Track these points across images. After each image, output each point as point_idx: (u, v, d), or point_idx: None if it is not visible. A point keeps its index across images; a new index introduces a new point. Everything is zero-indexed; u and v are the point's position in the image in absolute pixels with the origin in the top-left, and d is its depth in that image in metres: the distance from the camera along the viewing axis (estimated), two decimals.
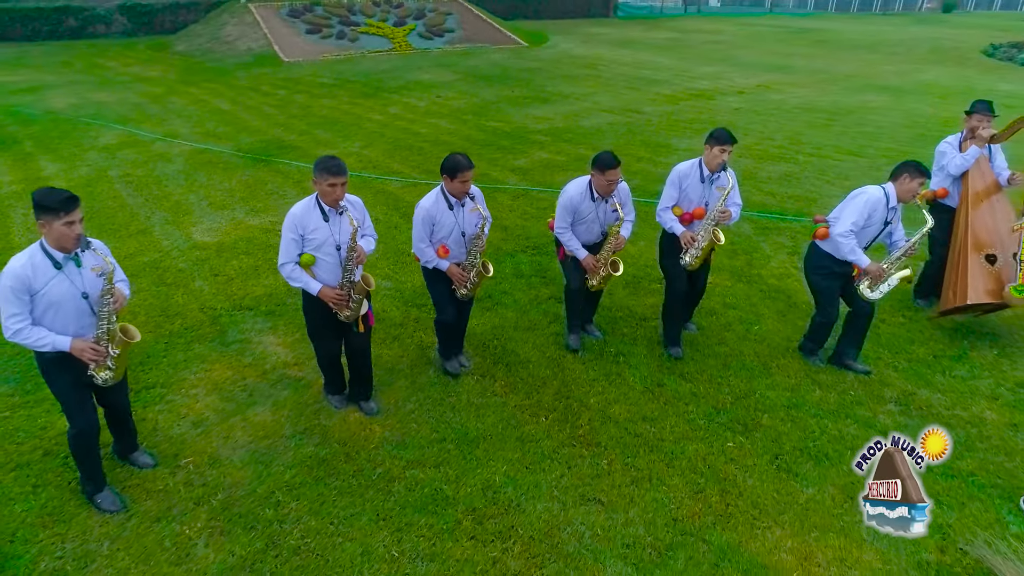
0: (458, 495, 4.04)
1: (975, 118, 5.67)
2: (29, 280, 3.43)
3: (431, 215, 4.60)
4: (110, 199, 9.03)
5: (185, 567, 3.57)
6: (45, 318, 3.53)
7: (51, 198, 3.43)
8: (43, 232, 3.47)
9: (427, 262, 4.75)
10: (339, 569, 3.55)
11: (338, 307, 4.32)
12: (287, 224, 4.19)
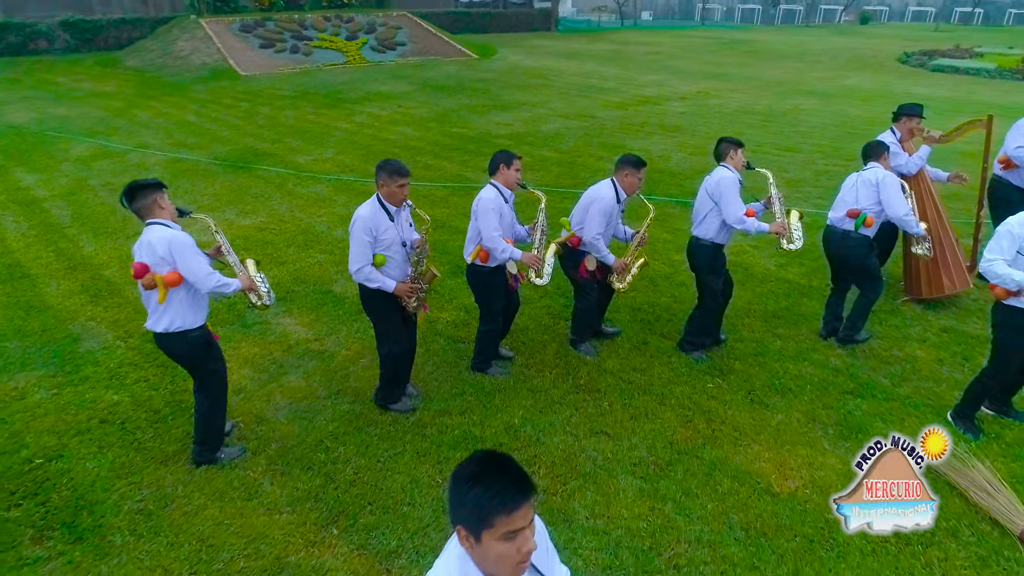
0: (484, 434, 4.67)
1: (914, 121, 6.28)
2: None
3: (369, 225, 4.31)
4: (98, 206, 9.31)
5: (256, 501, 4.09)
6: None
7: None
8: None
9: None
10: (392, 495, 4.13)
11: (408, 300, 4.57)
12: (360, 228, 4.28)
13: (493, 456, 1.77)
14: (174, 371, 5.43)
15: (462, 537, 1.73)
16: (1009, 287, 4.01)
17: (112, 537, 3.84)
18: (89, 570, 3.62)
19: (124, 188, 3.99)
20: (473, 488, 1.69)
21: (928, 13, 54.02)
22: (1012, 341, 4.30)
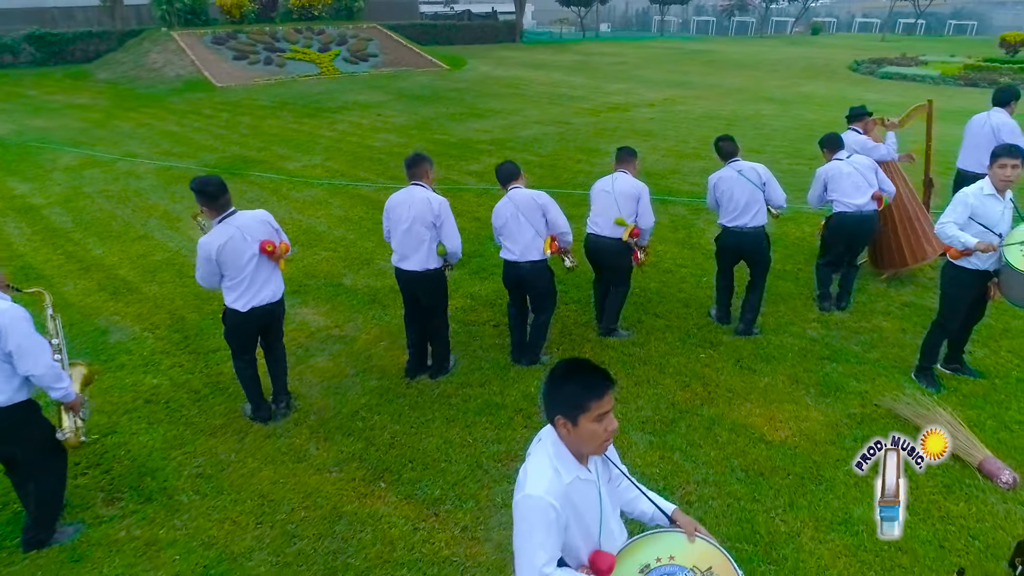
0: (505, 401, 5.14)
1: (866, 119, 7.00)
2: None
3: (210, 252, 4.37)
4: (97, 211, 9.54)
5: (306, 463, 4.51)
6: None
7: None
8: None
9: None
10: (429, 454, 4.58)
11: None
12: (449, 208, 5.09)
13: (577, 360, 2.26)
14: (207, 357, 5.80)
15: (560, 425, 2.20)
16: (956, 247, 4.67)
17: (178, 497, 4.21)
18: (163, 524, 3.99)
19: None
20: (568, 383, 2.18)
21: (873, 24, 56.28)
22: (956, 295, 4.99)
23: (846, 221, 6.28)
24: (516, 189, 5.35)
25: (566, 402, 2.16)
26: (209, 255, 4.34)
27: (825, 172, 6.35)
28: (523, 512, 2.16)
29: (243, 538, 3.89)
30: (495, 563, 3.71)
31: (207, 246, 4.33)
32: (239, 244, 4.37)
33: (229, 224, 4.38)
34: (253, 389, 4.84)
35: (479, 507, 4.11)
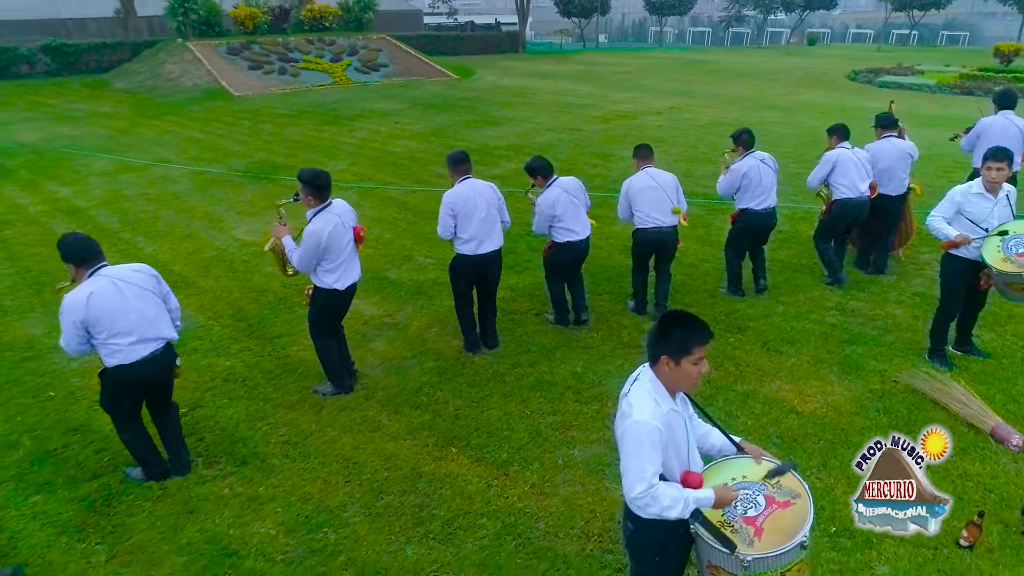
0: (555, 379, 5.60)
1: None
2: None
3: (320, 239, 4.89)
4: (140, 213, 9.98)
5: (381, 432, 4.95)
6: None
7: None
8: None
9: None
10: (492, 424, 5.02)
11: None
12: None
13: (685, 312, 2.71)
14: (272, 342, 6.25)
15: (663, 363, 2.65)
16: (940, 238, 5.20)
17: (270, 460, 4.65)
18: (261, 483, 4.43)
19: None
20: (678, 329, 2.63)
21: (867, 35, 57.17)
22: (951, 281, 5.51)
23: (851, 206, 6.97)
24: (559, 178, 5.91)
25: (673, 345, 2.61)
26: (320, 242, 4.80)
27: (836, 157, 6.99)
28: (632, 435, 2.61)
29: (335, 494, 4.33)
30: (564, 514, 4.16)
31: (318, 234, 4.79)
32: (340, 230, 4.86)
33: (331, 212, 4.85)
34: (339, 365, 5.31)
35: (544, 468, 4.56)
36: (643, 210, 6.35)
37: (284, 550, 3.89)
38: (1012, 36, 43.52)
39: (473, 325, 6.03)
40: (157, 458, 4.42)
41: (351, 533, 4.01)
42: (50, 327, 6.54)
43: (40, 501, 4.27)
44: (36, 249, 8.55)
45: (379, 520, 4.12)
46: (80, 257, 3.98)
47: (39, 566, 3.78)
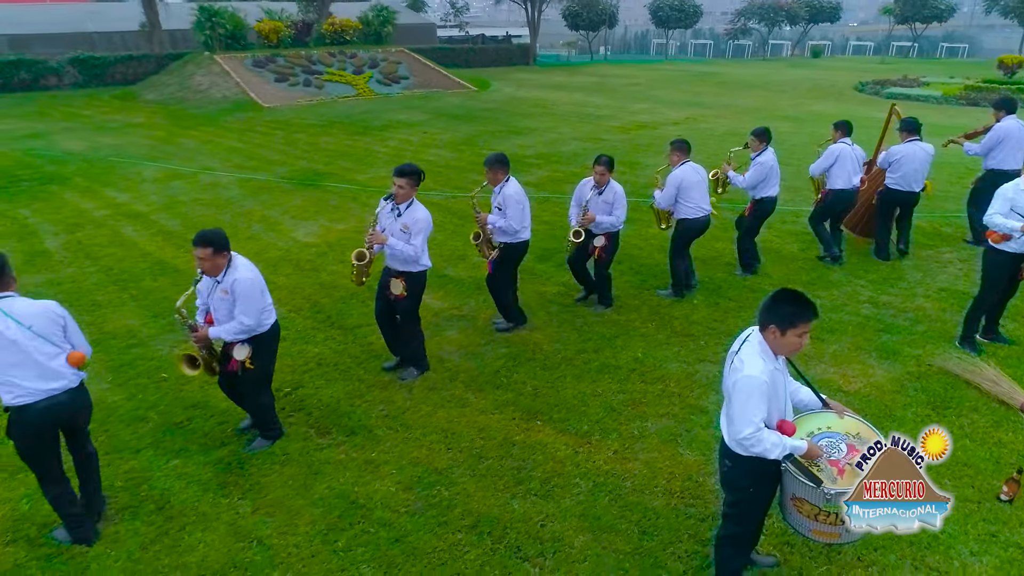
0: (619, 363, 6.14)
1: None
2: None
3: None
4: (200, 216, 10.54)
5: (470, 407, 5.49)
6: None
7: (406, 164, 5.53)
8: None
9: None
10: (568, 401, 5.55)
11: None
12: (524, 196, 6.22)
13: (796, 290, 3.23)
14: (353, 332, 6.79)
15: (770, 331, 3.16)
16: (1003, 232, 5.70)
17: (376, 431, 5.19)
18: (372, 449, 4.96)
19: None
20: (788, 304, 3.15)
21: (867, 47, 58.03)
22: (995, 274, 6.01)
23: (843, 196, 8.19)
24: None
25: (782, 317, 3.13)
26: (430, 226, 5.54)
27: (839, 152, 8.04)
28: (744, 387, 3.14)
29: (440, 458, 4.86)
30: (646, 475, 4.69)
31: (427, 221, 5.54)
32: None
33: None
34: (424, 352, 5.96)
35: (622, 437, 5.10)
36: (693, 200, 7.07)
37: (406, 504, 4.42)
38: (1010, 47, 44.34)
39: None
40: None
41: (461, 490, 4.55)
42: (146, 318, 7.10)
43: (179, 464, 4.80)
44: (111, 249, 9.11)
45: (483, 480, 4.65)
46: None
47: (195, 516, 4.31)
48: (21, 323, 3.67)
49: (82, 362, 3.89)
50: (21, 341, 3.66)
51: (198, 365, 4.66)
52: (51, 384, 3.78)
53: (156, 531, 4.19)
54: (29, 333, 3.69)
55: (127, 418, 5.35)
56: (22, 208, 10.95)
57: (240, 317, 4.53)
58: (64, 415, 3.91)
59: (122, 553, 4.03)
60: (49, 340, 3.77)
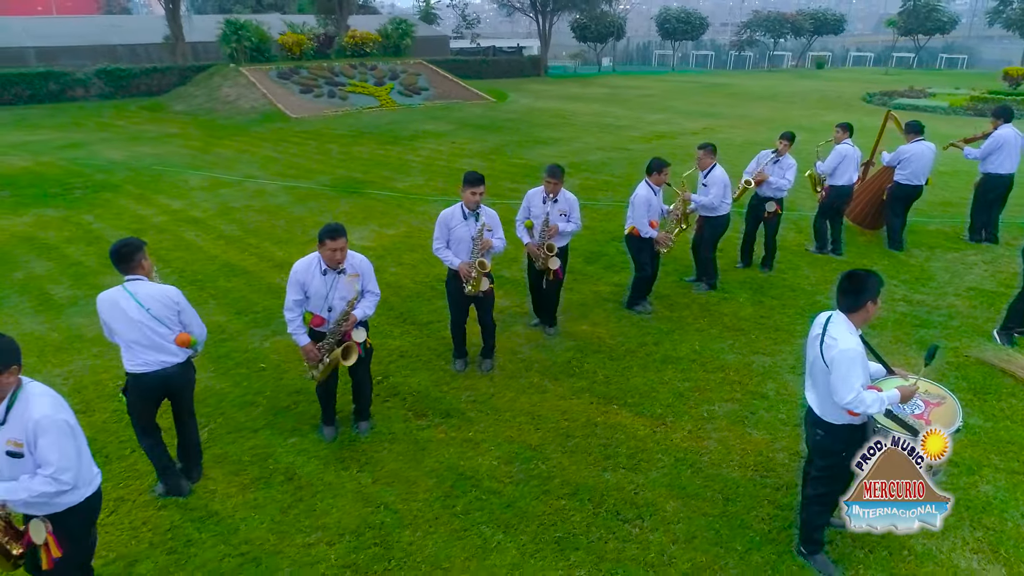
0: (680, 354, 6.64)
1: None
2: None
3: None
4: (254, 222, 11.06)
5: (549, 393, 5.98)
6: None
7: (472, 173, 5.89)
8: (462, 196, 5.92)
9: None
10: (639, 388, 6.05)
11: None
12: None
13: (869, 270, 3.73)
14: (427, 327, 7.28)
15: (868, 307, 3.66)
16: None
17: (468, 414, 5.68)
18: (468, 429, 5.45)
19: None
20: (873, 279, 3.65)
21: (867, 57, 58.87)
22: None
23: (844, 192, 9.12)
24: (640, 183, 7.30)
25: (875, 291, 3.65)
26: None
27: (846, 152, 8.92)
28: (844, 358, 3.62)
29: (532, 437, 5.35)
30: (721, 452, 5.18)
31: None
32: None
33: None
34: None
35: (694, 419, 5.59)
36: (728, 199, 7.81)
37: (508, 475, 4.91)
38: (1009, 58, 45.11)
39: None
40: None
41: (556, 464, 5.03)
42: (230, 315, 7.60)
43: (297, 442, 5.29)
44: (179, 253, 9.61)
45: (574, 455, 5.14)
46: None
47: (322, 486, 4.79)
48: (141, 305, 4.27)
49: (187, 343, 4.47)
50: (142, 321, 4.28)
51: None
52: (162, 358, 4.39)
53: (291, 498, 4.68)
54: (147, 315, 4.29)
55: (238, 403, 5.84)
56: (84, 214, 11.46)
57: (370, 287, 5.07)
58: (172, 385, 4.52)
59: (265, 517, 4.51)
60: (163, 322, 4.35)
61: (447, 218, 5.98)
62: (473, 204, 5.96)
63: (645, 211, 7.16)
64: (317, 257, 4.90)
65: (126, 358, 4.38)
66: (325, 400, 5.27)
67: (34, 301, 7.97)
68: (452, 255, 5.99)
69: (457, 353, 6.44)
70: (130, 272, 4.33)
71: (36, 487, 3.15)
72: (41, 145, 17.43)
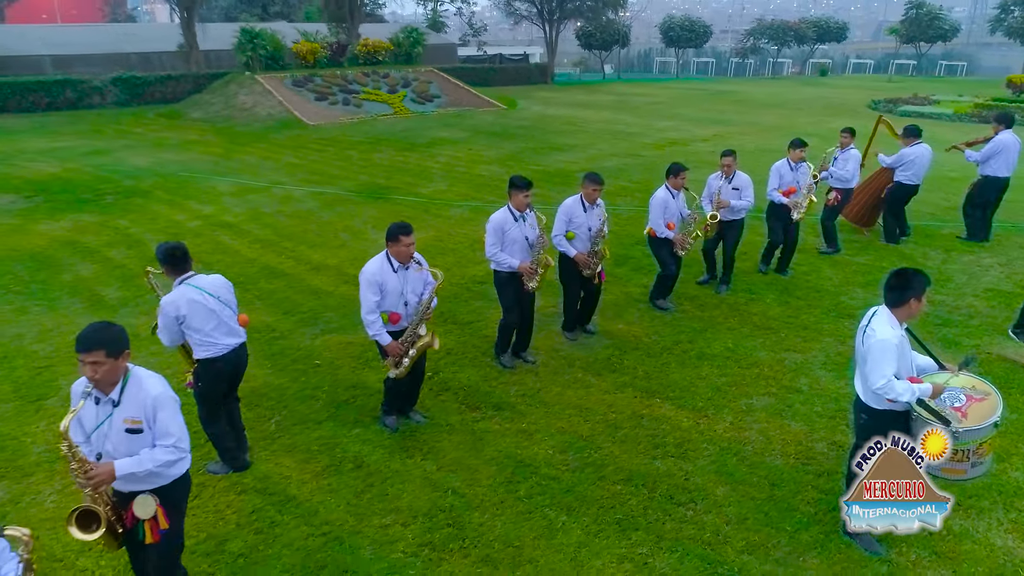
0: (714, 352, 6.94)
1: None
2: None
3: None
4: (287, 226, 11.37)
5: (593, 388, 6.27)
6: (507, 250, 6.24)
7: (519, 179, 6.20)
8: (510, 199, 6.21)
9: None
10: (678, 383, 6.34)
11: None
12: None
13: (909, 268, 4.04)
14: (468, 326, 7.58)
15: (912, 303, 3.97)
16: None
17: (518, 407, 5.97)
18: (520, 421, 5.74)
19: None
20: (919, 277, 3.96)
21: (867, 64, 59.34)
22: None
23: (849, 194, 9.68)
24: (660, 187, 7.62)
25: (920, 289, 3.95)
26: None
27: (856, 156, 9.41)
28: (878, 347, 3.92)
29: (582, 428, 5.65)
30: (762, 441, 5.47)
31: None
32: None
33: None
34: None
35: (734, 412, 5.88)
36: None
37: (564, 463, 5.20)
38: (1008, 65, 45.52)
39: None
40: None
41: (608, 453, 5.33)
42: (277, 315, 7.90)
43: (360, 433, 5.58)
44: (217, 256, 9.92)
45: (624, 445, 5.43)
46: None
47: (390, 472, 5.08)
48: (212, 295, 4.72)
49: (247, 323, 5.05)
50: (217, 309, 4.73)
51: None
52: (234, 340, 4.88)
53: (362, 483, 4.97)
54: (219, 303, 4.75)
55: (299, 396, 6.14)
56: (119, 219, 11.77)
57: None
58: (240, 363, 5.01)
59: (341, 500, 4.80)
60: (228, 306, 4.85)
61: (501, 223, 6.23)
62: (524, 206, 6.25)
63: (661, 213, 7.53)
64: (384, 257, 5.19)
65: (200, 348, 4.76)
66: (395, 392, 5.56)
67: (86, 302, 8.27)
68: (510, 257, 6.25)
69: (507, 349, 6.74)
70: (187, 270, 4.72)
71: (160, 456, 3.39)
72: (67, 152, 17.76)
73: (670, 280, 7.92)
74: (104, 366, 3.27)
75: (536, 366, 6.69)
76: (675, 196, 7.63)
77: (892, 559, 4.28)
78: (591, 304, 7.31)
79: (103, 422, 3.45)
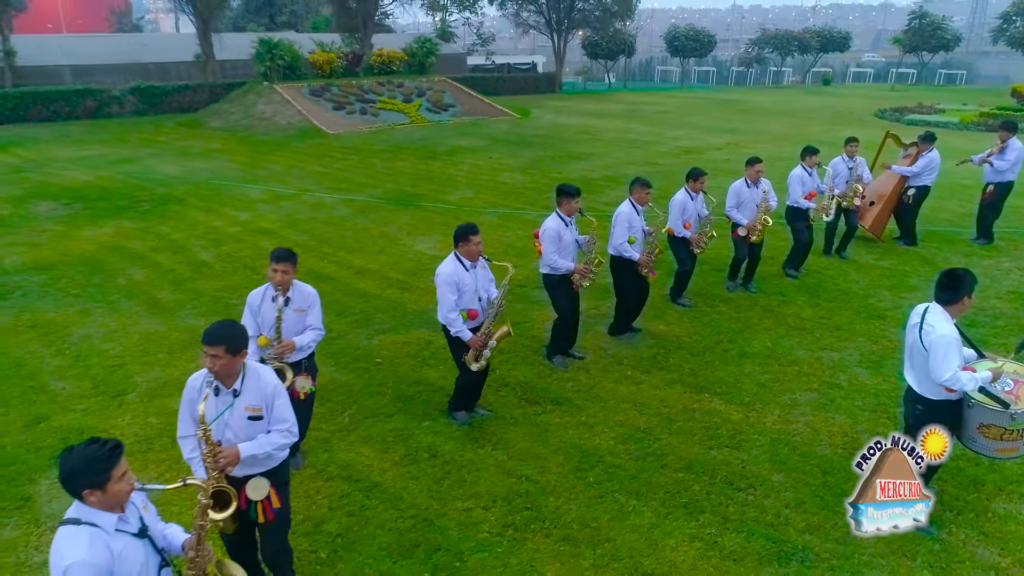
0: (755, 351, 7.27)
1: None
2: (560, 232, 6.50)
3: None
4: (324, 232, 11.71)
5: (643, 384, 6.61)
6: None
7: (569, 186, 6.55)
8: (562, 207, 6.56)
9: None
10: (724, 379, 6.68)
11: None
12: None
13: (959, 268, 4.38)
14: (518, 327, 7.89)
15: (963, 301, 4.31)
16: None
17: (575, 402, 6.31)
18: (579, 415, 6.08)
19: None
20: (968, 276, 4.31)
21: (867, 74, 59.91)
22: None
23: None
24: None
25: (971, 287, 4.30)
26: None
27: (863, 164, 9.89)
28: (942, 343, 4.25)
29: (639, 421, 5.98)
30: (810, 433, 5.80)
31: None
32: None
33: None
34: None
35: (780, 406, 6.22)
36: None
37: (627, 453, 5.53)
38: (1007, 73, 46.13)
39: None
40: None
41: (667, 443, 5.66)
42: (331, 316, 8.20)
43: (430, 425, 5.91)
44: (261, 261, 10.21)
45: (680, 436, 5.76)
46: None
47: (464, 462, 5.41)
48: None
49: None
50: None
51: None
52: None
53: (440, 472, 5.30)
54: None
55: (366, 392, 6.47)
56: (159, 225, 12.12)
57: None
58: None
59: (422, 487, 5.13)
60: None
61: (557, 230, 6.55)
62: (574, 212, 6.60)
63: (679, 214, 8.02)
64: (455, 258, 5.54)
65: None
66: (467, 389, 5.89)
67: (144, 305, 8.60)
68: (565, 260, 6.59)
69: (564, 349, 7.08)
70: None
71: (277, 440, 3.71)
72: (96, 160, 18.12)
73: (685, 276, 8.39)
74: (222, 360, 3.54)
75: (586, 363, 7.02)
76: (694, 198, 8.11)
77: (943, 539, 4.60)
78: (641, 304, 7.66)
79: (224, 411, 3.77)
